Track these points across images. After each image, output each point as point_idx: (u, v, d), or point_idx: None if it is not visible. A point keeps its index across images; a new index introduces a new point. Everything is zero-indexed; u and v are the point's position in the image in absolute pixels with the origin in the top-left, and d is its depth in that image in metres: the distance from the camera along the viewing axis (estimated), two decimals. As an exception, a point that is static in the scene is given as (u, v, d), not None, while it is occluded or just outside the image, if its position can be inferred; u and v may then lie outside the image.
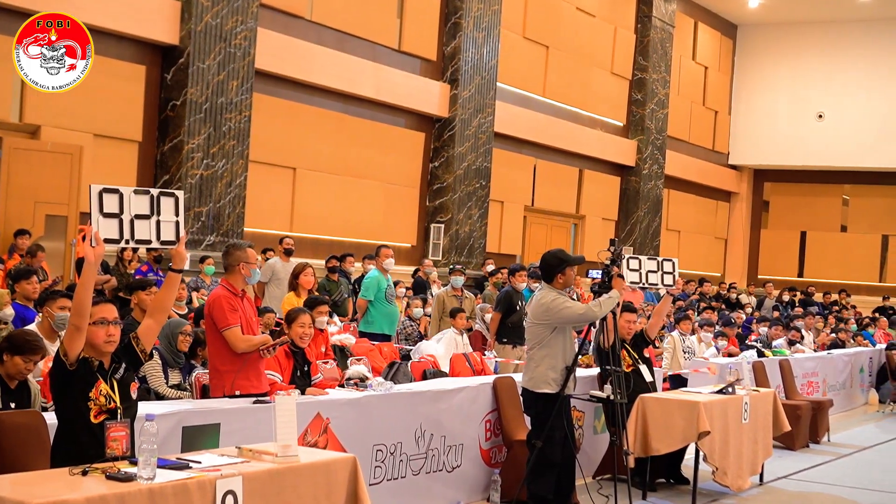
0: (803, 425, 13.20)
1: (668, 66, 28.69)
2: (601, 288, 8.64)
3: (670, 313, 15.78)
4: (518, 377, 9.28)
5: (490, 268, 18.70)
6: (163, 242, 5.80)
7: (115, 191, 5.60)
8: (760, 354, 14.52)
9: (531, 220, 24.65)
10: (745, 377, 11.78)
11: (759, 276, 32.23)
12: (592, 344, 10.55)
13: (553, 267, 8.44)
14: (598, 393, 9.42)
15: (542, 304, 8.29)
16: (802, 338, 16.78)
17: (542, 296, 8.37)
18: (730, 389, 10.14)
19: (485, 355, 11.99)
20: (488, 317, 13.42)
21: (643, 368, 10.18)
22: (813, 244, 32.57)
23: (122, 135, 15.33)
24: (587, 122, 26.07)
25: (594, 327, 8.87)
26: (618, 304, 8.74)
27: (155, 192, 5.79)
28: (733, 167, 33.37)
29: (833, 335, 18.77)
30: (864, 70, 30.99)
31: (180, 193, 5.92)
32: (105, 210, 5.52)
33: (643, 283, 10.26)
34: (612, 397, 8.72)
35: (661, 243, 28.62)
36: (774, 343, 16.20)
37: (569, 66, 25.09)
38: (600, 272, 8.78)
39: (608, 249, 8.81)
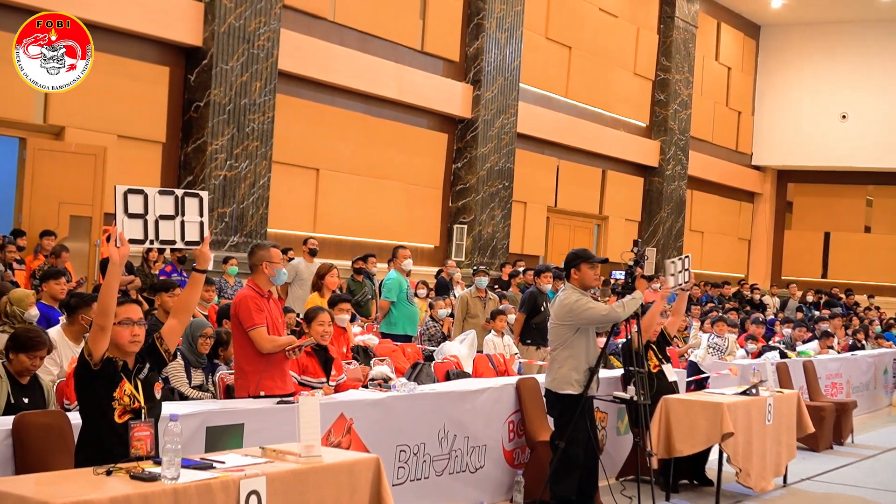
0: (827, 427, 13.15)
1: (692, 66, 28.60)
2: (624, 289, 8.61)
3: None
4: (541, 378, 9.27)
5: (522, 268, 18.67)
6: (187, 243, 5.81)
7: (140, 191, 5.61)
8: (784, 356, 14.46)
9: (554, 220, 24.62)
10: (768, 378, 11.74)
11: (783, 277, 32.08)
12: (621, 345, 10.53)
13: (568, 262, 8.44)
14: (621, 394, 9.40)
15: (565, 305, 8.27)
16: (827, 338, 16.68)
17: (565, 297, 8.34)
18: (753, 391, 10.10)
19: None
20: (512, 318, 13.41)
21: (667, 368, 10.15)
22: (836, 245, 32.40)
23: (146, 136, 15.39)
24: (610, 122, 26.01)
25: (617, 329, 8.84)
26: (641, 305, 8.71)
27: (179, 192, 5.80)
28: (757, 168, 33.24)
29: (851, 337, 18.64)
30: (888, 70, 30.83)
31: (204, 194, 5.92)
32: (130, 210, 5.53)
33: (681, 285, 10.17)
34: (635, 398, 8.70)
35: (684, 244, 28.53)
36: (800, 344, 16.11)
37: (591, 67, 25.05)
38: (623, 273, 8.76)
39: (631, 250, 8.79)
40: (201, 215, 5.84)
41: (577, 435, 8.16)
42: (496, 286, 16.86)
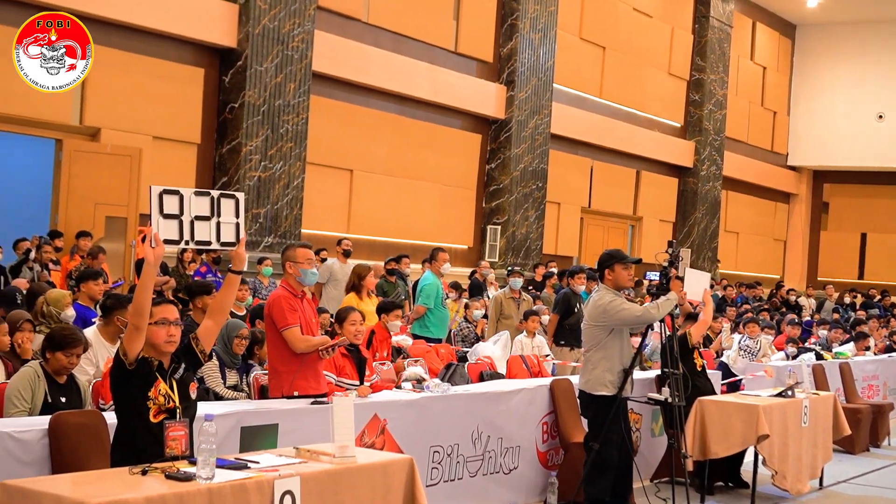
0: (863, 429, 13.04)
1: (726, 66, 28.47)
2: (659, 290, 8.57)
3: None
4: (575, 379, 9.25)
5: (553, 269, 18.63)
6: (223, 244, 5.82)
7: (176, 192, 5.63)
8: (820, 357, 14.35)
9: (588, 221, 24.56)
10: (804, 380, 11.65)
11: (819, 279, 31.86)
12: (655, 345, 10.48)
13: (601, 263, 8.42)
14: (655, 395, 9.35)
15: (599, 306, 8.24)
16: (864, 339, 16.53)
17: (599, 297, 8.32)
18: (789, 393, 10.04)
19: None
20: (545, 319, 13.38)
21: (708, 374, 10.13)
22: (873, 246, 32.16)
23: (181, 137, 15.47)
24: (644, 123, 25.93)
25: (652, 329, 8.81)
26: (676, 306, 8.67)
27: (215, 193, 5.81)
28: (792, 168, 33.04)
29: (888, 339, 18.46)
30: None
31: (241, 195, 5.93)
32: (165, 211, 5.55)
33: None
34: (669, 400, 8.66)
35: (718, 245, 28.40)
36: (837, 345, 15.99)
37: (626, 67, 24.98)
38: (658, 274, 8.72)
39: (666, 251, 8.75)
40: (237, 216, 5.84)
41: (611, 436, 8.13)
42: (530, 287, 16.84)
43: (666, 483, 9.22)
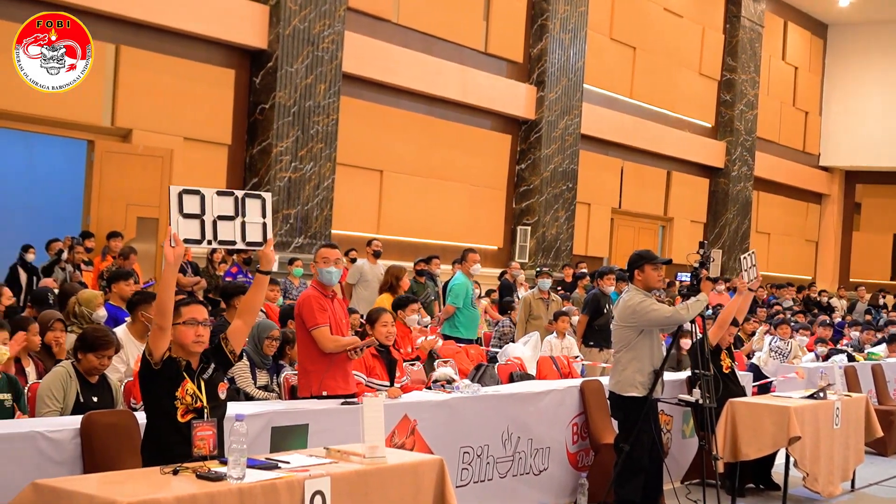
0: (895, 431, 12.93)
1: (758, 66, 28.33)
2: (689, 291, 8.53)
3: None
4: (605, 380, 9.22)
5: (583, 271, 18.60)
6: (249, 244, 5.82)
7: (197, 192, 5.62)
8: (851, 359, 14.24)
9: (618, 222, 24.50)
10: (836, 382, 11.57)
11: (851, 280, 31.64)
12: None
13: (631, 263, 8.39)
14: (686, 397, 9.29)
15: (629, 307, 8.22)
16: (888, 342, 16.39)
17: (629, 298, 8.29)
18: (821, 394, 9.97)
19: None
20: (575, 319, 13.35)
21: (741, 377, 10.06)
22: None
23: (212, 138, 15.54)
24: (675, 123, 25.84)
25: (682, 330, 8.78)
26: (706, 307, 8.62)
27: (239, 193, 5.81)
28: (824, 168, 32.85)
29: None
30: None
31: (267, 195, 5.93)
32: (185, 211, 5.54)
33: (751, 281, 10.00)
34: (700, 401, 8.61)
35: (750, 246, 28.24)
36: (869, 347, 15.87)
37: (656, 67, 24.90)
38: (689, 275, 8.68)
39: (697, 252, 8.71)
40: (264, 216, 5.84)
41: (641, 438, 8.11)
42: (559, 288, 16.81)
43: (696, 485, 9.20)
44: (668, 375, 9.49)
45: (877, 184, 32.71)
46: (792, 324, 15.03)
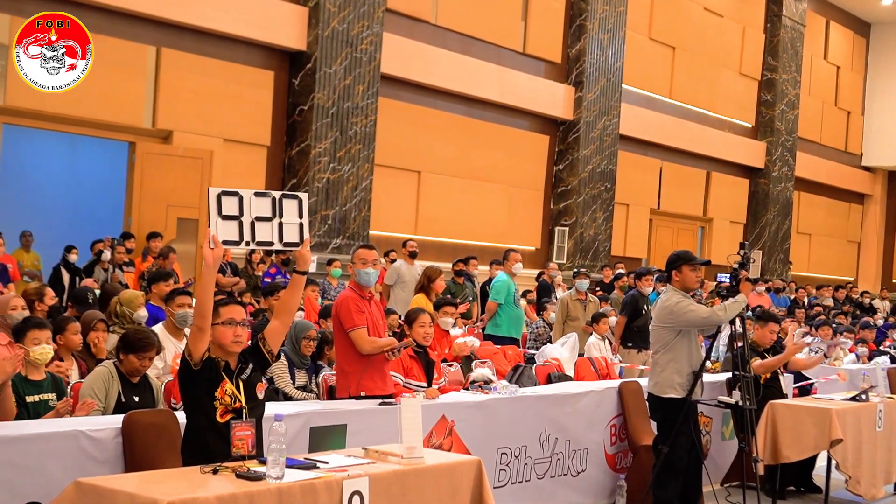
0: (940, 434, 12.77)
1: (799, 65, 28.12)
2: (729, 292, 8.48)
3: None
4: (644, 382, 9.19)
5: (620, 271, 18.53)
6: (286, 244, 5.84)
7: (235, 193, 5.66)
8: (894, 360, 14.10)
9: (657, 223, 24.39)
10: (878, 384, 11.45)
11: (894, 281, 31.35)
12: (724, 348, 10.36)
13: (669, 264, 8.36)
14: (726, 398, 9.24)
15: (666, 307, 8.18)
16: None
17: (667, 298, 8.26)
18: (863, 396, 9.88)
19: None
20: (613, 321, 13.32)
21: (782, 380, 9.96)
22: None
23: (251, 139, 15.62)
24: (714, 123, 25.70)
25: (720, 331, 8.72)
26: (746, 308, 8.57)
27: (277, 194, 5.84)
28: (867, 169, 32.55)
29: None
30: None
31: (304, 196, 5.95)
32: (224, 213, 5.57)
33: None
34: (740, 403, 8.56)
35: (791, 247, 28.05)
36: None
37: (696, 67, 24.78)
38: (728, 276, 8.63)
39: (737, 253, 8.66)
40: (300, 217, 5.86)
41: (680, 439, 8.06)
42: (597, 289, 16.76)
43: (736, 487, 9.13)
44: (708, 377, 9.45)
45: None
46: (834, 325, 14.91)
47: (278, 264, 14.16)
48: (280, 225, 5.78)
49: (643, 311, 12.84)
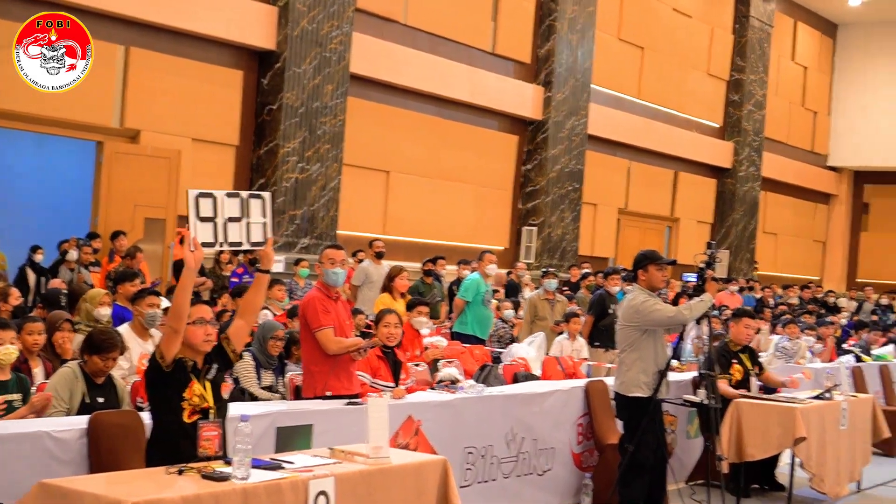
0: (903, 432, 12.92)
1: (767, 66, 28.31)
2: (695, 291, 8.55)
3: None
4: (611, 381, 9.24)
5: (587, 271, 18.60)
6: (253, 244, 5.87)
7: (210, 195, 5.68)
8: (859, 360, 14.24)
9: (625, 222, 24.50)
10: (843, 382, 11.57)
11: (859, 280, 31.63)
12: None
13: (635, 263, 8.42)
14: (691, 397, 9.32)
15: (633, 306, 8.24)
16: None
17: (632, 298, 8.32)
18: (827, 395, 9.98)
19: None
20: (581, 320, 13.37)
21: (753, 382, 10.02)
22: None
23: (220, 139, 15.59)
24: (682, 123, 25.84)
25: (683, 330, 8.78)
26: (713, 307, 8.64)
27: (245, 194, 5.86)
28: (833, 169, 32.81)
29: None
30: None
31: (267, 195, 5.97)
32: (201, 214, 5.60)
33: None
34: (705, 402, 8.63)
35: (757, 246, 28.25)
36: (877, 348, 15.86)
37: (664, 68, 24.91)
38: (696, 276, 8.69)
39: (704, 252, 8.72)
40: (264, 216, 5.88)
41: (646, 438, 8.11)
42: (565, 288, 16.82)
43: (701, 486, 9.20)
44: (674, 376, 9.51)
45: (885, 184, 32.69)
46: (799, 324, 15.03)
47: (245, 264, 14.14)
48: (248, 225, 5.80)
49: (610, 311, 12.90)
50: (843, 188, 33.24)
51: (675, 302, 10.57)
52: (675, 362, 10.72)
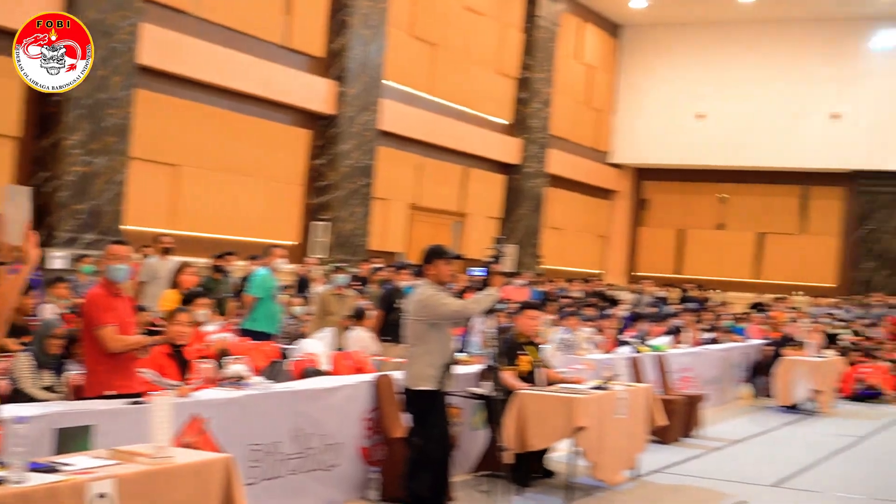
0: (678, 419, 13.47)
1: (554, 65, 29.03)
2: (483, 285, 8.74)
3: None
4: (400, 375, 9.34)
5: (377, 265, 18.72)
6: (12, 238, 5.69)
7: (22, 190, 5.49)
8: (637, 350, 14.79)
9: (416, 218, 24.75)
10: (621, 373, 12.01)
11: (638, 273, 32.86)
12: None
13: (423, 258, 8.56)
14: (476, 389, 9.53)
15: (420, 301, 8.37)
16: (679, 332, 17.13)
17: (420, 292, 8.44)
18: (606, 385, 10.33)
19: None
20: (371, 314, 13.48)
21: (540, 373, 10.27)
22: (691, 242, 33.36)
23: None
24: (473, 120, 26.27)
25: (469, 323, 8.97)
26: (500, 301, 8.83)
27: (16, 187, 5.69)
28: (615, 166, 33.89)
29: (703, 332, 19.11)
30: (743, 70, 31.82)
31: (24, 189, 5.79)
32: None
33: None
34: (490, 393, 8.83)
35: (542, 241, 28.95)
36: (654, 339, 16.50)
37: (456, 65, 25.27)
38: (483, 270, 8.88)
39: (491, 247, 8.92)
40: (23, 209, 5.71)
41: (432, 431, 8.26)
42: (357, 283, 16.90)
43: (487, 476, 9.41)
44: (461, 368, 9.68)
45: (664, 181, 34.05)
46: (581, 316, 15.52)
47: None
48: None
49: (395, 305, 13.02)
50: (625, 184, 34.43)
51: (462, 296, 10.73)
52: (462, 355, 11.02)
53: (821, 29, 31.13)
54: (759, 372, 18.77)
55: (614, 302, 23.48)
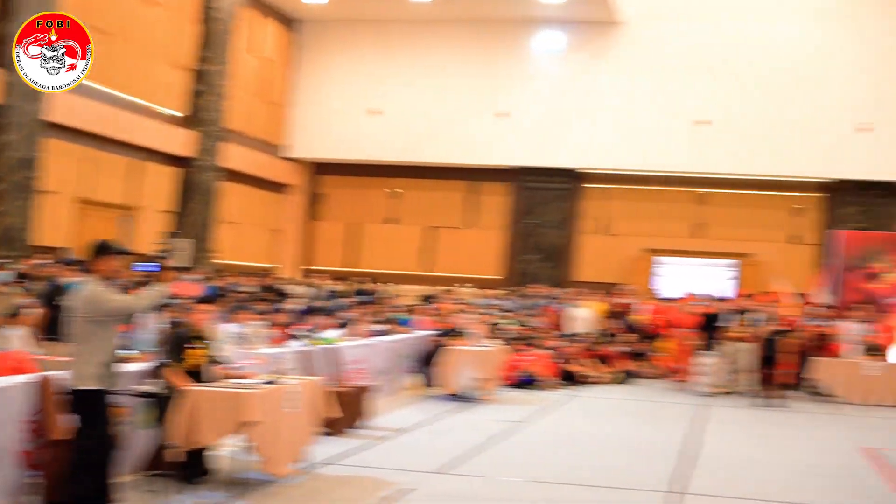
0: (349, 411, 13.74)
1: (231, 58, 28.88)
2: (154, 281, 8.66)
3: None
4: (64, 374, 9.10)
5: (41, 261, 18.06)
6: None
7: None
8: (309, 344, 14.98)
9: (86, 212, 24.04)
10: (292, 366, 12.14)
11: (313, 267, 33.21)
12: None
13: (90, 253, 8.42)
14: (144, 387, 9.43)
15: (86, 297, 8.21)
16: (344, 326, 17.45)
17: (86, 288, 8.30)
18: (277, 379, 10.46)
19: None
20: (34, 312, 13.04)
21: (210, 368, 10.24)
22: (364, 236, 34.02)
23: None
24: (147, 112, 25.77)
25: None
26: (171, 296, 8.79)
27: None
28: (292, 160, 34.06)
29: (375, 324, 19.58)
30: (418, 68, 32.79)
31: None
32: None
33: None
34: (158, 391, 8.77)
35: (216, 235, 28.74)
36: (326, 332, 16.75)
37: (131, 56, 24.81)
38: (153, 265, 8.79)
39: (161, 242, 8.87)
40: None
41: (94, 431, 8.11)
42: (21, 280, 16.29)
43: (156, 475, 9.32)
44: (128, 366, 9.54)
45: (340, 175, 34.56)
46: (252, 310, 15.55)
47: None
48: None
49: (54, 302, 12.65)
50: (301, 179, 34.68)
51: (129, 291, 10.58)
52: (131, 352, 10.85)
53: (489, 30, 32.46)
54: (428, 362, 19.38)
55: (285, 296, 23.68)
